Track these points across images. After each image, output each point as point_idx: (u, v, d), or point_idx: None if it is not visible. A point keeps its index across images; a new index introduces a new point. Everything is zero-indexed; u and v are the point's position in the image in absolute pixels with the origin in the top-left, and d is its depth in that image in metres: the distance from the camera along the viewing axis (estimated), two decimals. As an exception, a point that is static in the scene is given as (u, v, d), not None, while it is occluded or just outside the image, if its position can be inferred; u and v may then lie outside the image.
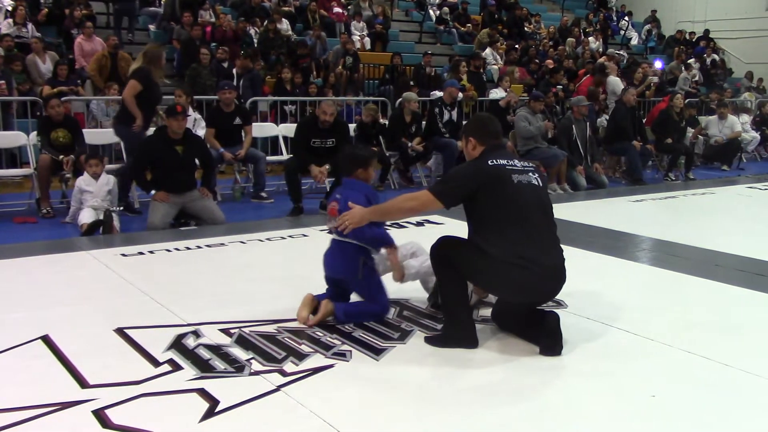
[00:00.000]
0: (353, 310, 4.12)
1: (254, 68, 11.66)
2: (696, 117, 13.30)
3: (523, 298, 3.78)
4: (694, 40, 20.57)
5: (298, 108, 10.84)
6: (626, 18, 21.59)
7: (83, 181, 6.86)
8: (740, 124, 13.23)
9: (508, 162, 3.70)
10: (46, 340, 3.76)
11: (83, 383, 3.24)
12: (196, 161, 7.13)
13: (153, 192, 6.88)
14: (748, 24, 20.31)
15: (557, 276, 3.71)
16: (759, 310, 4.51)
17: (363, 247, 4.06)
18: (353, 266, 4.07)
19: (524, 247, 3.56)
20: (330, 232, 4.23)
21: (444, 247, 3.75)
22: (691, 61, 18.18)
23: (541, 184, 3.75)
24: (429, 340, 3.81)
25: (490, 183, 3.62)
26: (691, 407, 3.11)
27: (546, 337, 3.66)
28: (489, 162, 3.67)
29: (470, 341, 3.73)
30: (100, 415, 2.93)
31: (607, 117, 11.64)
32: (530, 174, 3.72)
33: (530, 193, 3.66)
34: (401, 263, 4.16)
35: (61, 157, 7.49)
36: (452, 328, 3.78)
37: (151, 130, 7.73)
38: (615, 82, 11.73)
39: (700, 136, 13.00)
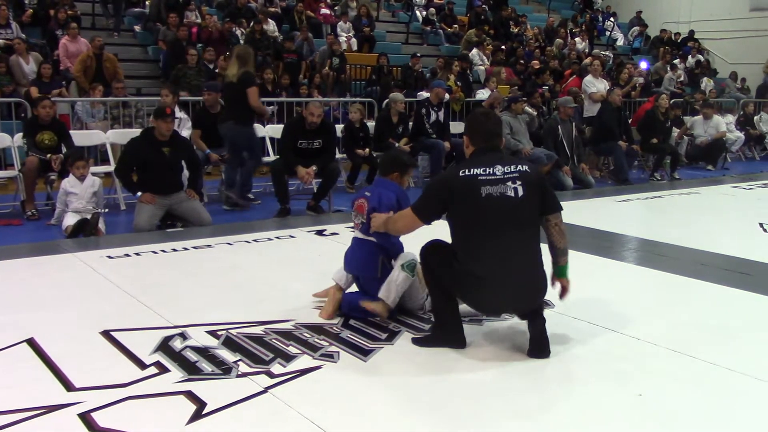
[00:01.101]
0: (355, 303, 4.15)
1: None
2: (681, 117, 13.39)
3: (483, 311, 3.88)
4: (679, 41, 20.69)
5: (284, 109, 10.80)
6: (611, 19, 21.69)
7: (68, 183, 6.81)
8: (725, 125, 13.33)
9: (483, 170, 3.56)
10: (31, 343, 3.74)
11: (69, 386, 3.22)
12: (183, 163, 7.10)
13: (139, 194, 6.85)
14: (732, 25, 20.45)
15: (519, 294, 3.61)
16: (744, 309, 4.54)
17: (384, 247, 4.13)
18: (373, 264, 4.14)
19: (482, 264, 3.52)
20: (354, 228, 4.28)
21: (429, 252, 3.76)
22: (676, 61, 18.27)
23: (520, 194, 3.53)
24: (417, 341, 3.82)
25: (457, 196, 3.57)
26: (678, 406, 3.12)
27: (532, 341, 3.67)
28: (460, 173, 3.58)
29: (458, 342, 3.74)
30: (86, 418, 2.92)
31: (583, 117, 11.73)
32: (509, 183, 3.53)
33: (500, 207, 3.51)
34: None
35: (48, 155, 7.44)
36: (439, 329, 3.79)
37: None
38: (587, 82, 11.79)
39: (685, 137, 13.08)
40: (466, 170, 3.59)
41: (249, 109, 7.92)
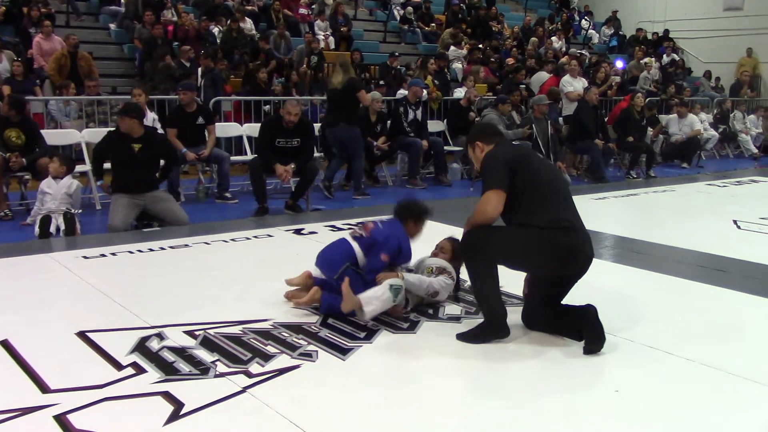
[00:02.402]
0: (337, 306, 4.11)
1: (215, 67, 11.55)
2: (656, 116, 13.52)
3: (568, 265, 3.74)
4: (655, 40, 20.87)
5: (272, 107, 10.77)
6: (587, 18, 21.84)
7: (45, 182, 6.74)
8: (699, 123, 13.47)
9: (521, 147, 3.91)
10: (5, 344, 3.69)
11: (44, 388, 3.19)
12: (160, 161, 7.04)
13: (100, 182, 6.98)
14: (706, 24, 20.67)
15: (590, 244, 3.79)
16: (719, 305, 4.59)
17: (355, 257, 4.19)
18: (336, 266, 4.17)
19: (565, 213, 3.70)
20: (353, 234, 4.33)
21: (473, 235, 3.74)
22: (651, 59, 18.45)
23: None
24: (463, 337, 3.80)
25: (520, 160, 3.75)
26: (655, 402, 3.15)
27: (588, 330, 3.66)
28: (507, 147, 3.90)
29: (504, 332, 3.77)
30: (61, 420, 2.89)
31: (562, 117, 11.81)
32: (542, 157, 3.93)
33: (552, 170, 4.06)
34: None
35: (8, 154, 7.36)
36: (494, 316, 3.77)
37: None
38: (563, 81, 11.87)
39: (660, 135, 13.21)
40: (507, 146, 3.94)
41: (355, 111, 9.09)
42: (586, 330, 3.66)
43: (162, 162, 7.07)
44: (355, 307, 3.99)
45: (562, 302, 3.89)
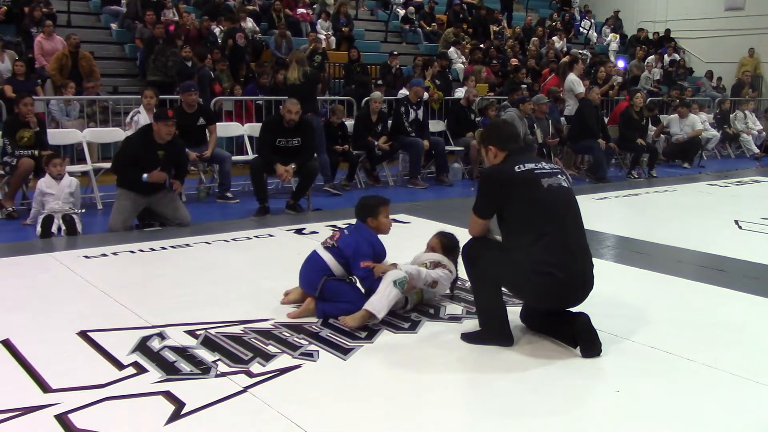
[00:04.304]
0: (332, 311, 4.14)
1: (204, 66, 11.53)
2: (658, 116, 13.51)
3: (546, 305, 3.77)
4: (656, 40, 20.86)
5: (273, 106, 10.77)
6: (587, 18, 21.83)
7: (44, 183, 6.72)
8: (701, 123, 13.47)
9: (536, 166, 3.63)
10: (6, 344, 3.70)
11: (45, 387, 3.19)
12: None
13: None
14: (707, 24, 20.65)
15: (583, 282, 3.64)
16: (719, 305, 4.59)
17: (330, 269, 4.18)
18: (315, 283, 4.16)
19: (552, 254, 3.50)
20: (324, 245, 4.31)
21: (474, 249, 3.75)
22: (650, 58, 18.44)
23: (569, 186, 3.71)
24: (466, 338, 3.81)
25: (518, 190, 3.58)
26: (655, 402, 3.15)
27: (582, 339, 3.63)
28: (516, 168, 3.60)
29: (507, 339, 3.73)
30: (63, 419, 2.89)
31: (564, 116, 11.79)
32: (559, 176, 3.67)
33: (560, 197, 3.61)
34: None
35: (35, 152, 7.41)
36: (489, 327, 3.77)
37: None
38: (572, 81, 11.87)
39: (661, 135, 13.21)
40: (519, 166, 3.62)
41: (316, 103, 9.47)
42: (580, 339, 3.65)
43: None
44: (365, 322, 3.99)
45: None
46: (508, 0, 20.39)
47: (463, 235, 4.08)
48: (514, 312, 3.89)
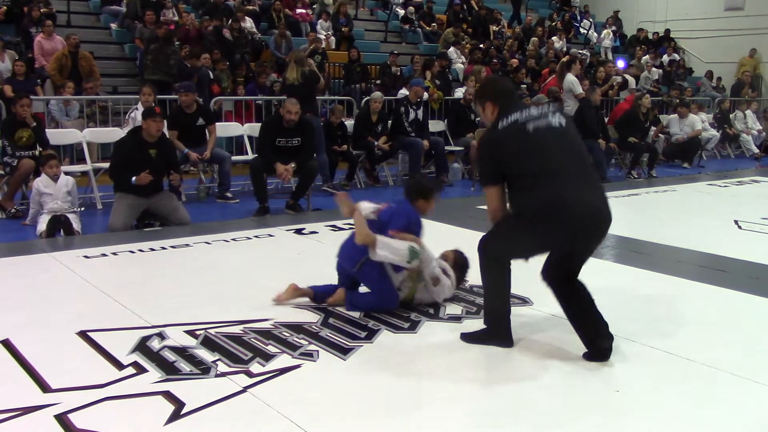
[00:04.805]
0: (360, 302, 4.24)
1: (202, 66, 11.53)
2: (657, 116, 13.52)
3: (565, 246, 3.57)
4: (656, 40, 20.87)
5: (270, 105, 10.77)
6: (586, 18, 21.82)
7: (41, 183, 6.72)
8: (700, 123, 13.47)
9: (519, 114, 3.58)
10: (6, 344, 3.69)
11: (45, 387, 3.19)
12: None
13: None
14: (707, 24, 20.65)
15: (593, 212, 3.52)
16: (719, 305, 4.59)
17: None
18: (355, 259, 4.20)
19: (552, 192, 3.43)
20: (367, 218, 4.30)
21: (491, 247, 3.70)
22: (645, 58, 18.44)
23: (563, 124, 3.61)
24: (466, 337, 3.81)
25: (506, 145, 3.55)
26: (655, 402, 3.15)
27: (598, 350, 3.59)
28: (499, 125, 3.58)
29: (507, 341, 3.73)
30: (62, 419, 2.89)
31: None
32: (548, 116, 3.59)
33: (549, 137, 3.53)
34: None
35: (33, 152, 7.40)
36: (493, 326, 3.76)
37: None
38: (570, 82, 11.87)
39: (661, 135, 13.21)
40: (503, 121, 3.59)
41: (316, 103, 9.59)
42: (595, 350, 3.59)
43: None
44: (368, 242, 4.05)
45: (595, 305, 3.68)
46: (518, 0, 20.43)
47: (462, 237, 4.08)
48: (516, 314, 3.89)
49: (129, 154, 6.68)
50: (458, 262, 4.56)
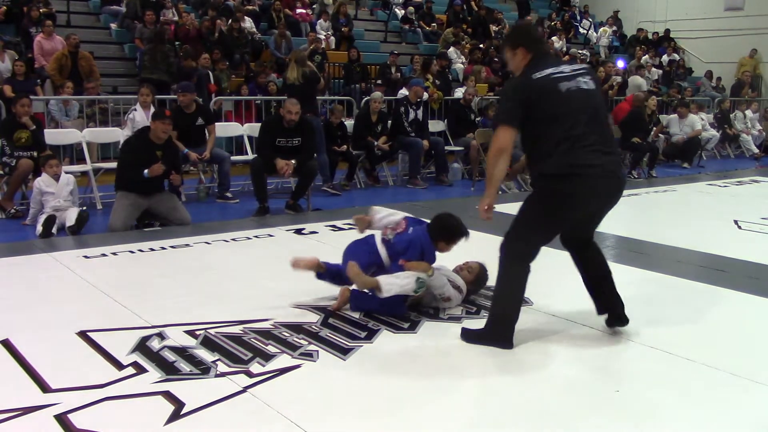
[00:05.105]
0: (365, 306, 4.22)
1: (199, 66, 11.53)
2: (657, 116, 13.52)
3: (587, 208, 3.69)
4: (656, 40, 20.87)
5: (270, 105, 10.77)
6: (586, 17, 21.82)
7: (43, 182, 6.73)
8: (700, 123, 13.47)
9: (554, 70, 3.57)
10: (6, 344, 3.69)
11: (45, 387, 3.19)
12: None
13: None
14: (707, 24, 20.65)
15: (614, 176, 3.62)
16: (719, 305, 4.59)
17: (380, 256, 4.20)
18: (362, 260, 4.18)
19: (574, 156, 3.48)
20: (383, 236, 4.30)
21: (510, 239, 3.69)
22: (645, 58, 18.44)
23: (593, 87, 3.64)
24: (466, 337, 3.81)
25: (538, 96, 3.52)
26: (655, 402, 3.15)
27: (617, 309, 3.82)
28: (533, 76, 3.55)
29: (508, 343, 3.72)
30: (62, 419, 2.89)
31: None
32: (579, 78, 3.59)
33: (579, 100, 3.55)
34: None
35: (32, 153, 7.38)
36: (496, 328, 3.75)
37: None
38: None
39: (661, 135, 13.22)
40: (537, 71, 3.56)
41: (316, 103, 9.66)
42: (613, 315, 3.84)
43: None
44: (371, 287, 4.04)
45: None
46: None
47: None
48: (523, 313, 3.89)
49: (135, 153, 6.68)
50: (479, 277, 4.51)
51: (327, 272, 4.40)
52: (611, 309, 3.85)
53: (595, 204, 3.70)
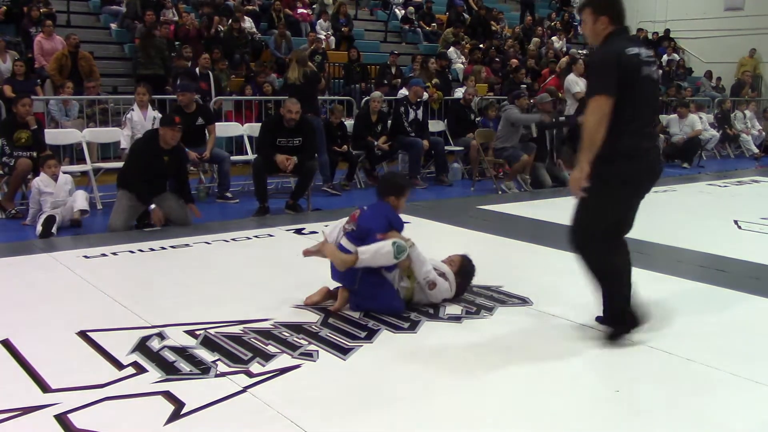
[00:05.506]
0: (365, 307, 4.22)
1: (189, 66, 11.51)
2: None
3: (639, 194, 3.81)
4: (656, 40, 20.88)
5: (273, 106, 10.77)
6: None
7: (41, 183, 6.73)
8: (700, 123, 13.48)
9: (639, 51, 3.59)
10: (6, 344, 3.69)
11: (45, 387, 3.19)
12: None
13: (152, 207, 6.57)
14: (707, 24, 20.65)
15: (659, 162, 3.80)
16: (720, 306, 4.59)
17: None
18: (352, 276, 4.17)
19: (638, 139, 3.60)
20: (345, 233, 4.28)
21: (575, 231, 3.74)
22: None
23: (658, 78, 3.79)
24: (612, 337, 3.82)
25: (623, 71, 3.51)
26: (655, 402, 3.15)
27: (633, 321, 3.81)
28: (626, 50, 3.53)
29: (641, 319, 3.81)
30: (62, 419, 2.89)
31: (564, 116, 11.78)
32: (652, 66, 3.66)
33: (650, 88, 3.65)
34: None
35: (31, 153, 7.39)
36: (626, 315, 3.80)
37: None
38: (570, 81, 11.86)
39: (661, 135, 13.21)
40: (629, 49, 3.56)
41: (317, 103, 9.75)
42: (630, 316, 3.80)
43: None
44: (350, 263, 4.05)
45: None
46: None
47: (462, 237, 4.08)
48: (514, 311, 3.89)
49: (142, 157, 6.67)
50: (464, 268, 4.51)
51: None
52: (629, 308, 3.84)
53: (648, 186, 3.80)
